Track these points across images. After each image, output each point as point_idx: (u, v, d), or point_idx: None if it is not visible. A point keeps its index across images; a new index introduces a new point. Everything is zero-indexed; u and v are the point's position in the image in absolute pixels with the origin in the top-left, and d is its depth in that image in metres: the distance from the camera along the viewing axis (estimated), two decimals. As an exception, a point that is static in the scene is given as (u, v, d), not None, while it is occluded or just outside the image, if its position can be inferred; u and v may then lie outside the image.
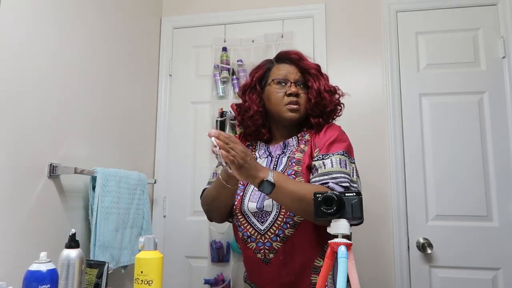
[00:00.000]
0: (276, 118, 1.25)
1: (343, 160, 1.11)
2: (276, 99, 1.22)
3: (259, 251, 1.15)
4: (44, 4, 1.21)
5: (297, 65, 1.25)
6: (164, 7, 2.18)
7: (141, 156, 1.86)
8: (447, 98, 1.81)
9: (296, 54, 1.27)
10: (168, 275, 1.90)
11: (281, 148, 1.24)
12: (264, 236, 1.14)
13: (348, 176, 1.08)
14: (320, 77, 1.24)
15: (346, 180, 1.07)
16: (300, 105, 1.21)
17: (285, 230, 1.12)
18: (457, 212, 1.72)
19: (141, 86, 1.90)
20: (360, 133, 1.86)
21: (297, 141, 1.24)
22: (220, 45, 2.02)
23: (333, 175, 1.07)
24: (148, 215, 1.61)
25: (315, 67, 1.26)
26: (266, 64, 1.31)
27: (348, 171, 1.09)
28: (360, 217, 0.86)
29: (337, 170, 1.08)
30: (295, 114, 1.21)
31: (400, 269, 1.73)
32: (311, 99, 1.21)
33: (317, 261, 1.12)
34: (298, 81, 1.23)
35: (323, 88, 1.22)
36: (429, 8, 1.89)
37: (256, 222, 1.16)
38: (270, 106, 1.24)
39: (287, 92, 1.21)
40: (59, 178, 1.26)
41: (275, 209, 1.14)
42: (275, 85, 1.23)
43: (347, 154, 1.13)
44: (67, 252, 0.99)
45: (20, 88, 1.11)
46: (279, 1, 2.04)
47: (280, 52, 1.32)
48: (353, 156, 1.17)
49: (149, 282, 0.89)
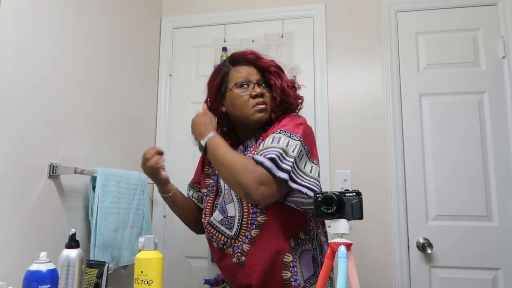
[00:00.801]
0: (243, 122, 1.21)
1: (277, 136, 1.08)
2: (241, 103, 1.18)
3: (234, 255, 1.17)
4: (43, 4, 1.21)
5: (256, 65, 1.22)
6: (164, 7, 2.18)
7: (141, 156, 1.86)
8: (447, 98, 1.81)
9: (253, 54, 1.23)
10: (168, 275, 1.90)
11: (242, 151, 1.23)
12: (237, 240, 1.16)
13: (278, 149, 1.04)
14: (281, 74, 1.22)
15: (274, 152, 1.03)
16: (267, 105, 1.19)
17: (252, 231, 1.13)
18: (457, 212, 1.72)
19: (141, 86, 1.90)
20: (360, 133, 1.86)
21: (256, 140, 1.22)
22: (220, 45, 2.02)
23: (262, 151, 1.05)
24: (148, 215, 1.61)
25: (274, 64, 1.23)
26: (221, 69, 1.25)
27: (280, 145, 1.05)
28: (360, 217, 0.86)
29: (267, 147, 1.06)
30: (264, 114, 1.18)
31: (400, 269, 1.73)
32: (276, 98, 1.19)
33: (286, 257, 1.13)
34: (260, 81, 1.20)
35: (286, 85, 1.20)
36: (429, 8, 1.89)
37: (224, 229, 1.18)
38: (235, 111, 1.20)
39: (252, 94, 1.17)
40: (59, 178, 1.26)
41: (237, 212, 1.15)
42: (237, 89, 1.19)
43: (286, 132, 1.09)
44: (67, 252, 0.99)
45: (20, 88, 1.11)
46: (279, 1, 2.04)
47: (235, 54, 1.27)
48: (299, 134, 1.10)
49: (149, 282, 0.89)
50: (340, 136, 1.88)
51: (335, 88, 1.92)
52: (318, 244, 1.20)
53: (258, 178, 1.01)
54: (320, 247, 1.20)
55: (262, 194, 1.02)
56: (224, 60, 1.29)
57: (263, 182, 1.01)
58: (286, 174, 1.02)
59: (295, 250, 1.14)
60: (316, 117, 1.90)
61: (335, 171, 1.85)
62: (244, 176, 1.01)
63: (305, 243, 1.16)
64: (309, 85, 1.93)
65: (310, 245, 1.17)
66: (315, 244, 1.19)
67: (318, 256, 1.18)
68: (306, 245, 1.16)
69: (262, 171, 1.01)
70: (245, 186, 1.01)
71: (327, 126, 1.88)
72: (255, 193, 1.01)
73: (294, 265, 1.13)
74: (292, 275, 1.13)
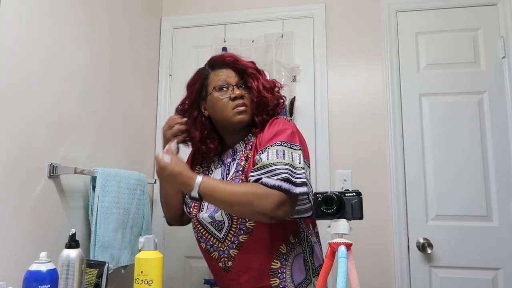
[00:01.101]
0: (224, 124, 1.21)
1: (281, 150, 1.06)
2: (221, 106, 1.18)
3: (220, 260, 1.17)
4: (43, 4, 1.21)
5: (234, 68, 1.22)
6: (164, 7, 2.18)
7: (141, 156, 1.86)
8: (447, 98, 1.81)
9: (231, 57, 1.23)
10: (168, 275, 1.90)
11: (231, 155, 1.23)
12: (223, 244, 1.15)
13: (287, 165, 1.03)
14: (258, 75, 1.22)
15: (284, 171, 1.01)
16: (247, 106, 1.18)
17: (239, 236, 1.13)
18: (457, 212, 1.72)
19: (141, 86, 1.90)
20: (360, 133, 1.86)
21: (245, 145, 1.22)
22: (220, 45, 2.02)
23: (268, 168, 1.02)
24: (148, 215, 1.61)
25: (252, 65, 1.23)
26: (201, 73, 1.26)
27: (287, 160, 1.04)
28: (360, 217, 0.86)
29: (273, 162, 1.03)
30: (244, 116, 1.18)
31: (400, 269, 1.73)
32: (253, 99, 1.19)
33: (274, 263, 1.13)
34: (239, 83, 1.21)
35: (262, 86, 1.20)
36: (429, 8, 1.89)
37: (214, 230, 1.18)
38: (216, 114, 1.20)
39: (231, 96, 1.17)
40: (59, 178, 1.26)
41: (225, 218, 1.15)
42: (217, 93, 1.19)
43: (286, 143, 1.08)
44: (67, 252, 0.99)
45: (20, 88, 1.11)
46: (279, 1, 2.04)
47: (213, 58, 1.28)
48: (297, 143, 1.10)
49: (149, 282, 0.89)
50: (340, 136, 1.88)
51: (335, 88, 1.92)
52: (308, 245, 1.19)
53: (277, 201, 1.00)
54: (310, 248, 1.20)
55: (284, 213, 1.02)
56: (204, 64, 1.29)
57: (282, 203, 1.01)
58: (305, 187, 1.02)
59: (286, 256, 1.13)
60: (316, 117, 1.90)
61: (335, 171, 1.85)
62: (262, 205, 0.99)
63: (295, 246, 1.16)
64: (309, 85, 1.94)
65: (300, 248, 1.17)
66: (305, 246, 1.18)
67: (308, 258, 1.18)
68: (297, 248, 1.16)
69: (278, 194, 1.00)
70: (267, 213, 1.00)
71: (327, 126, 1.88)
72: (277, 214, 1.01)
73: (282, 271, 1.12)
74: (281, 282, 1.12)
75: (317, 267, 1.20)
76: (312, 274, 1.17)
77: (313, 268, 1.18)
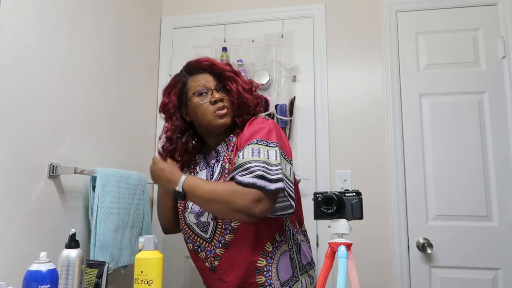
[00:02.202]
0: (207, 128, 1.23)
1: (256, 148, 1.07)
2: (202, 111, 1.20)
3: (207, 260, 1.18)
4: (43, 5, 1.21)
5: (211, 72, 1.24)
6: (164, 7, 2.18)
7: (141, 156, 1.86)
8: (447, 98, 1.81)
9: (207, 61, 1.25)
10: (168, 275, 1.91)
11: (215, 157, 1.25)
12: (210, 244, 1.17)
13: (262, 162, 1.04)
14: (236, 78, 1.23)
15: (259, 168, 1.03)
16: (228, 109, 1.20)
17: (226, 236, 1.14)
18: (457, 212, 1.72)
19: (141, 86, 1.90)
20: (360, 133, 1.86)
21: (226, 146, 1.23)
22: (220, 45, 2.02)
23: (244, 166, 1.04)
24: (148, 215, 1.61)
25: (229, 68, 1.25)
26: (179, 79, 1.27)
27: (261, 158, 1.05)
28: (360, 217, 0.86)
29: (248, 161, 1.05)
30: (225, 119, 1.20)
31: (400, 269, 1.73)
32: (234, 102, 1.20)
33: (259, 261, 1.13)
34: (217, 87, 1.22)
35: (242, 88, 1.21)
36: (429, 8, 1.89)
37: (200, 231, 1.20)
38: (198, 119, 1.22)
39: (211, 100, 1.19)
40: (59, 178, 1.26)
41: (210, 218, 1.16)
42: (197, 98, 1.21)
43: (262, 141, 1.09)
44: (67, 252, 0.99)
45: (20, 88, 1.11)
46: (279, 1, 2.04)
47: (189, 63, 1.28)
48: (274, 140, 1.11)
49: (149, 282, 0.89)
50: (340, 136, 1.88)
51: (335, 88, 1.92)
52: (295, 243, 1.20)
53: (253, 199, 1.02)
54: (297, 246, 1.21)
55: (261, 210, 1.03)
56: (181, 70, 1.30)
57: (258, 200, 1.02)
58: (280, 183, 1.03)
59: (271, 254, 1.14)
60: (316, 117, 1.90)
61: (335, 171, 1.85)
62: (238, 203, 1.01)
63: (281, 245, 1.17)
64: (309, 85, 1.94)
65: (286, 246, 1.18)
66: (291, 244, 1.19)
67: (295, 256, 1.19)
68: (283, 246, 1.17)
69: (254, 191, 1.02)
70: (243, 210, 1.02)
71: (327, 126, 1.88)
72: (254, 211, 1.02)
73: (268, 269, 1.13)
74: (267, 280, 1.13)
75: (305, 265, 1.21)
76: (300, 272, 1.19)
77: (300, 266, 1.19)
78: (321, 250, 1.80)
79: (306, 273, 1.21)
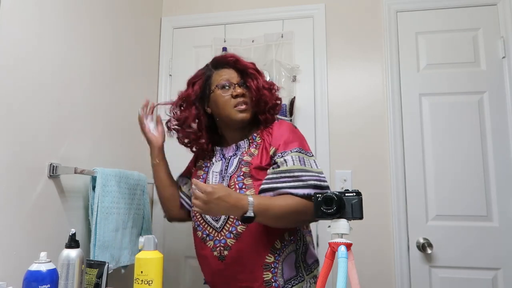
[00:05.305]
0: (226, 122, 1.27)
1: (301, 157, 1.16)
2: (223, 103, 1.24)
3: (216, 249, 1.19)
4: (43, 5, 1.21)
5: (235, 67, 1.29)
6: (164, 7, 2.18)
7: (141, 156, 1.86)
8: (447, 98, 1.81)
9: (233, 57, 1.29)
10: (168, 275, 1.90)
11: (234, 150, 1.28)
12: (220, 233, 1.18)
13: (312, 172, 1.14)
14: (258, 75, 1.28)
15: (311, 177, 1.12)
16: (247, 105, 1.25)
17: (237, 226, 1.16)
18: (457, 212, 1.72)
19: (141, 86, 1.90)
20: (360, 133, 1.86)
21: (248, 143, 1.27)
22: (220, 45, 2.02)
23: (295, 173, 1.12)
24: (148, 215, 1.61)
25: (252, 66, 1.29)
26: (204, 72, 1.32)
27: (307, 167, 1.14)
28: (360, 217, 0.86)
29: (298, 169, 1.13)
30: (245, 114, 1.24)
31: (400, 269, 1.73)
32: (253, 98, 1.25)
33: (268, 257, 1.15)
34: (240, 82, 1.27)
35: (262, 86, 1.26)
36: (429, 8, 1.89)
37: (211, 220, 1.22)
38: (219, 111, 1.27)
39: (233, 94, 1.24)
40: (59, 178, 1.26)
41: None
42: (219, 90, 1.26)
43: (300, 150, 1.18)
44: (67, 252, 0.99)
45: (20, 88, 1.11)
46: (279, 1, 2.04)
47: (216, 58, 1.34)
48: (309, 150, 1.22)
49: (149, 282, 0.89)
50: (340, 136, 1.88)
51: (335, 88, 1.92)
52: (303, 244, 1.22)
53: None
54: (305, 246, 1.22)
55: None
56: (207, 64, 1.35)
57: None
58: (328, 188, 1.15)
59: (279, 252, 1.16)
60: (316, 117, 1.90)
61: (335, 171, 1.85)
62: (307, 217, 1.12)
63: (290, 244, 1.18)
64: (309, 85, 1.94)
65: (294, 245, 1.19)
66: (299, 244, 1.21)
67: (300, 256, 1.20)
68: (291, 246, 1.18)
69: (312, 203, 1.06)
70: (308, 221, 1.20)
71: (327, 126, 1.88)
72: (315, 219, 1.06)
73: (275, 266, 1.15)
74: (273, 276, 1.14)
75: (310, 265, 1.23)
76: (306, 272, 1.20)
77: (304, 266, 1.20)
78: (321, 250, 1.80)
79: (311, 273, 1.22)
